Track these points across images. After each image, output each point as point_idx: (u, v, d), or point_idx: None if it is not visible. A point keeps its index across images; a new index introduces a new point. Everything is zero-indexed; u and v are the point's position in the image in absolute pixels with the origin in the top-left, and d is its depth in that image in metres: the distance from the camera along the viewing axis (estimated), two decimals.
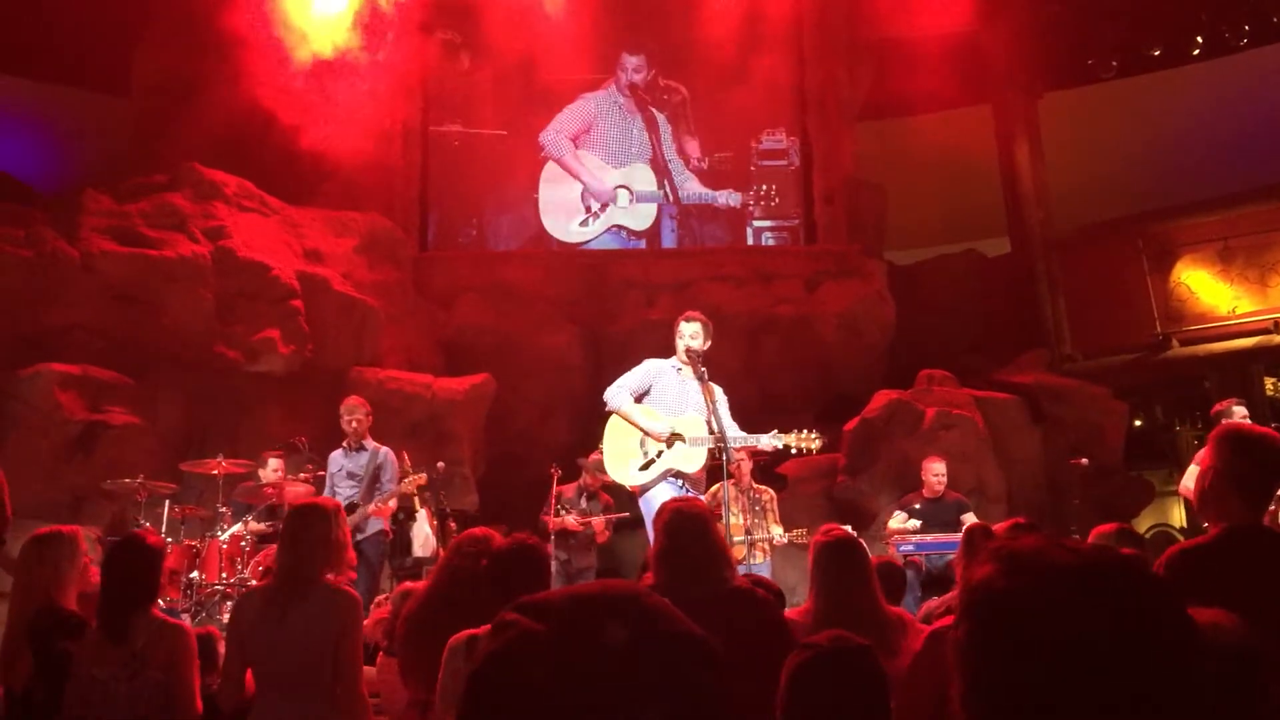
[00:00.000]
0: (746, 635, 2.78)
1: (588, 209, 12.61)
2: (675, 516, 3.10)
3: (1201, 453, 2.73)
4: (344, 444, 7.39)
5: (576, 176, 12.66)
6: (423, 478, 7.44)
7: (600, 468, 7.98)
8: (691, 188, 12.73)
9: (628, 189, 12.62)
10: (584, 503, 8.11)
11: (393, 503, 7.24)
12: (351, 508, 6.90)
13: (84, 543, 3.79)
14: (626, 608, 0.96)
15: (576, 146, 12.73)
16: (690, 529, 3.06)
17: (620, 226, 12.61)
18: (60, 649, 3.43)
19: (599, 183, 12.66)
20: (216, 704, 3.44)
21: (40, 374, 8.39)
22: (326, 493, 7.15)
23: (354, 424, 7.28)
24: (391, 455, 7.30)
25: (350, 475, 7.21)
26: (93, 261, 9.05)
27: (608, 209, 12.59)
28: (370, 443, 7.32)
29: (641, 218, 12.64)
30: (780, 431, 5.57)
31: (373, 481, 7.12)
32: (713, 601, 2.86)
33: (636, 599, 0.98)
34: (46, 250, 8.92)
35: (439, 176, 12.68)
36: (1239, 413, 6.95)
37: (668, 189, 12.70)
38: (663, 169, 12.71)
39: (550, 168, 12.68)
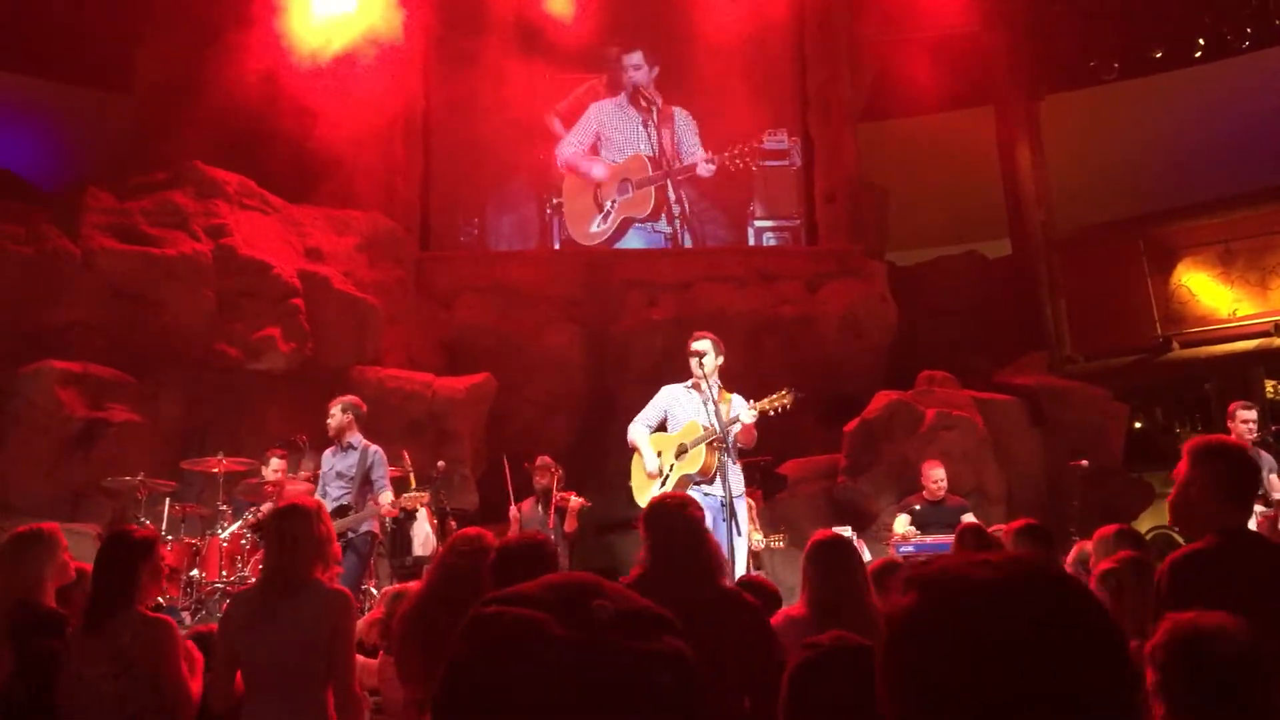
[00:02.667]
0: (735, 639, 2.81)
1: (600, 206, 12.66)
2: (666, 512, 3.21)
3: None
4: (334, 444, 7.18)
5: (588, 174, 12.73)
6: (424, 496, 7.34)
7: (548, 466, 8.14)
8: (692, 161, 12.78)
9: (628, 180, 12.67)
10: (540, 510, 8.13)
11: (403, 500, 7.03)
12: (342, 510, 6.66)
13: (64, 540, 3.78)
14: (599, 588, 0.98)
15: (588, 155, 12.81)
16: (686, 529, 3.11)
17: (630, 219, 12.64)
18: (42, 646, 3.42)
19: (605, 178, 12.70)
20: (207, 704, 3.44)
21: (41, 371, 8.40)
22: (318, 493, 7.01)
23: (330, 423, 7.02)
24: (381, 454, 7.03)
25: (340, 475, 6.96)
26: (94, 259, 9.06)
27: (615, 203, 12.63)
28: (359, 440, 7.01)
29: (641, 204, 12.67)
30: (754, 401, 5.78)
31: (363, 483, 6.88)
32: (705, 603, 2.91)
33: (599, 582, 1.00)
34: (48, 247, 8.93)
35: (441, 176, 12.69)
36: (1242, 415, 6.95)
37: (670, 188, 12.71)
38: (666, 163, 12.71)
39: (569, 179, 12.76)
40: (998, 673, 0.89)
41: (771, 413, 5.75)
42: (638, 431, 6.09)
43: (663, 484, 5.77)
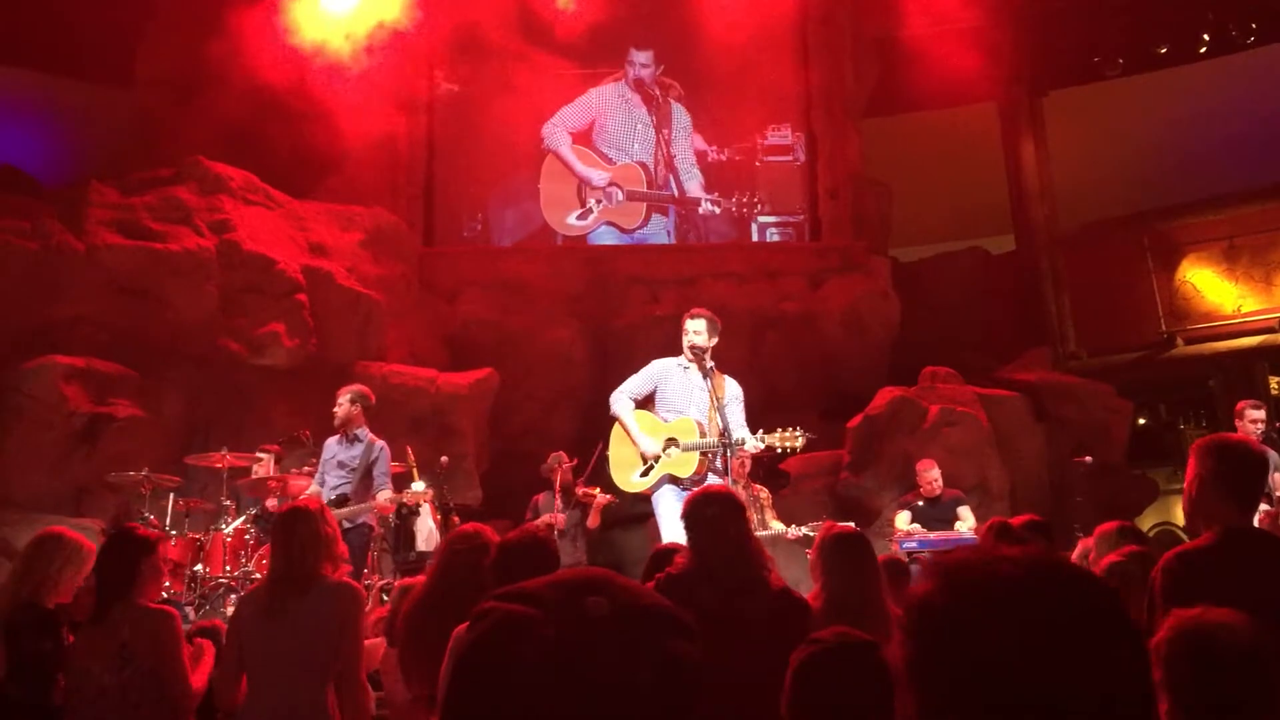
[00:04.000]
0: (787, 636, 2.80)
1: (583, 203, 12.63)
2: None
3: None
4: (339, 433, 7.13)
5: (571, 169, 12.67)
6: (428, 494, 7.33)
7: (560, 462, 8.14)
8: (692, 187, 12.69)
9: (619, 188, 12.62)
10: (557, 501, 8.17)
11: (405, 495, 7.07)
12: (341, 500, 6.68)
13: (86, 555, 3.75)
14: (603, 584, 0.99)
15: (580, 141, 12.73)
16: (733, 527, 3.07)
17: (612, 224, 12.61)
18: (38, 648, 3.45)
19: (592, 178, 12.66)
20: (211, 699, 3.45)
21: (45, 366, 8.41)
22: (317, 478, 7.04)
23: (338, 412, 6.98)
24: (387, 450, 7.02)
25: (341, 465, 6.92)
26: (98, 254, 9.07)
27: (601, 205, 12.60)
28: (365, 434, 6.98)
29: (630, 215, 12.63)
30: (765, 432, 5.51)
31: (364, 476, 6.84)
32: (760, 602, 2.89)
33: (611, 578, 1.02)
34: (52, 243, 8.94)
35: (444, 171, 12.68)
36: (1251, 415, 6.95)
37: (673, 185, 12.68)
38: (668, 164, 12.68)
39: (550, 160, 12.69)
40: (1017, 666, 0.90)
41: (779, 450, 5.54)
42: (622, 404, 5.75)
43: (644, 474, 5.58)
